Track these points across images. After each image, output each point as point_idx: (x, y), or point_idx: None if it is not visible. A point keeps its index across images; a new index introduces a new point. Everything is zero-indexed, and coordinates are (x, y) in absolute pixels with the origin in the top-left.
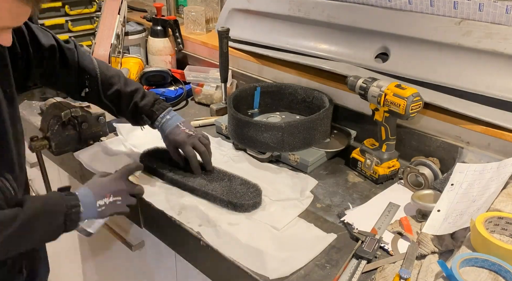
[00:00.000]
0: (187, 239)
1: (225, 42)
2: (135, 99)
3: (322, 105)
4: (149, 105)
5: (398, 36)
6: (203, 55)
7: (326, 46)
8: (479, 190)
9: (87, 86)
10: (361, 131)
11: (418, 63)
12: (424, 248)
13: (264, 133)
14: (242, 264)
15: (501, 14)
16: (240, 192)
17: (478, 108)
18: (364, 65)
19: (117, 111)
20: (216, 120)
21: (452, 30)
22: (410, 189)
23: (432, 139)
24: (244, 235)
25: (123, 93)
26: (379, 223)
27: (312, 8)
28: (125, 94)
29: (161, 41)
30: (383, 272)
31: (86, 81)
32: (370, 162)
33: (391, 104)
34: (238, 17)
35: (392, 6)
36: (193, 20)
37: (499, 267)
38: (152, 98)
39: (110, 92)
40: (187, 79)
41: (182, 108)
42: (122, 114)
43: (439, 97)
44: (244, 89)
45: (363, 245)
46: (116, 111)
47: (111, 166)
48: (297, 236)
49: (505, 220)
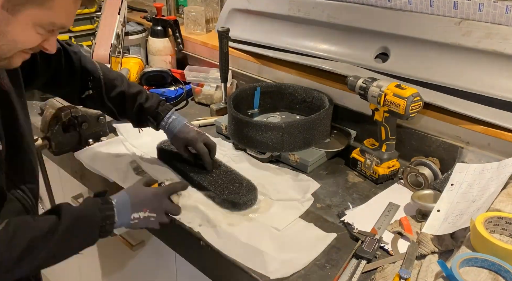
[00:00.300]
0: (187, 239)
1: (225, 42)
2: (139, 100)
3: (322, 105)
4: (154, 106)
5: (398, 36)
6: (203, 55)
7: (326, 46)
8: (479, 190)
9: (90, 88)
10: (361, 131)
11: (418, 63)
12: (424, 248)
13: (264, 133)
14: (242, 264)
15: (501, 14)
16: (238, 190)
17: (478, 108)
18: (364, 65)
19: (119, 113)
20: (216, 120)
21: (452, 30)
22: (410, 189)
23: (432, 139)
24: (244, 235)
25: (127, 95)
26: (379, 223)
27: (312, 8)
28: (129, 96)
29: (161, 41)
30: (383, 272)
31: (90, 83)
32: (370, 162)
33: (391, 104)
34: (238, 17)
35: (392, 6)
36: (193, 20)
37: (499, 267)
38: (156, 99)
39: (114, 94)
40: (187, 79)
41: (182, 108)
42: (125, 116)
43: (439, 97)
44: (244, 89)
45: (363, 245)
46: (119, 113)
47: (111, 166)
48: (297, 236)
49: (505, 220)
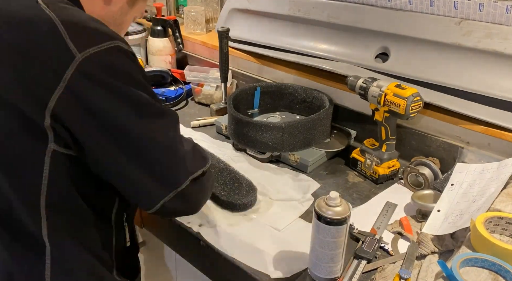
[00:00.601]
0: (187, 239)
1: (225, 42)
2: None
3: (322, 105)
4: None
5: (398, 36)
6: (203, 55)
7: (326, 46)
8: (479, 190)
9: None
10: (361, 131)
11: (418, 63)
12: (424, 248)
13: (264, 133)
14: (242, 263)
15: (501, 14)
16: (238, 191)
17: (478, 108)
18: (364, 65)
19: None
20: (216, 120)
21: (452, 30)
22: (410, 189)
23: (432, 139)
24: (244, 235)
25: None
26: (378, 223)
27: (312, 8)
28: None
29: (161, 41)
30: (383, 272)
31: None
32: (370, 162)
33: (391, 104)
34: (238, 17)
35: (392, 6)
36: (193, 20)
37: (499, 267)
38: None
39: None
40: (187, 79)
41: (182, 108)
42: None
43: (439, 97)
44: (244, 89)
45: (363, 245)
46: None
47: None
48: (297, 236)
49: (505, 220)
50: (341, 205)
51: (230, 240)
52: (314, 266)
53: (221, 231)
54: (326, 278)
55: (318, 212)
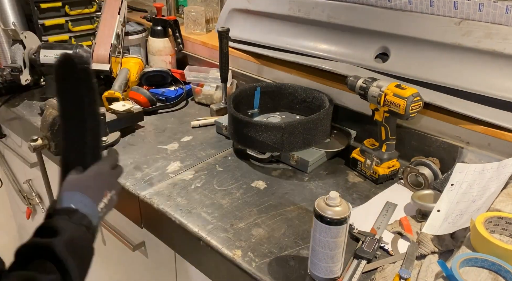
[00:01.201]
0: (187, 239)
1: (225, 42)
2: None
3: (322, 105)
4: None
5: (398, 36)
6: (203, 55)
7: (326, 46)
8: (479, 190)
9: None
10: (361, 131)
11: (418, 63)
12: (424, 248)
13: (264, 133)
14: (242, 263)
15: (501, 14)
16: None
17: (478, 108)
18: (364, 65)
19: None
20: (216, 120)
21: (452, 30)
22: (410, 189)
23: (432, 139)
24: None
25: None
26: (378, 223)
27: (312, 8)
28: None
29: (161, 41)
30: (383, 272)
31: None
32: (370, 162)
33: (391, 104)
34: (238, 17)
35: (392, 6)
36: (193, 20)
37: (499, 267)
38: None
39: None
40: (187, 79)
41: (182, 108)
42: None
43: (439, 97)
44: (244, 89)
45: (363, 245)
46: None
47: None
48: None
49: (505, 220)
50: (341, 205)
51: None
52: (314, 266)
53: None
54: (326, 278)
55: (318, 212)
